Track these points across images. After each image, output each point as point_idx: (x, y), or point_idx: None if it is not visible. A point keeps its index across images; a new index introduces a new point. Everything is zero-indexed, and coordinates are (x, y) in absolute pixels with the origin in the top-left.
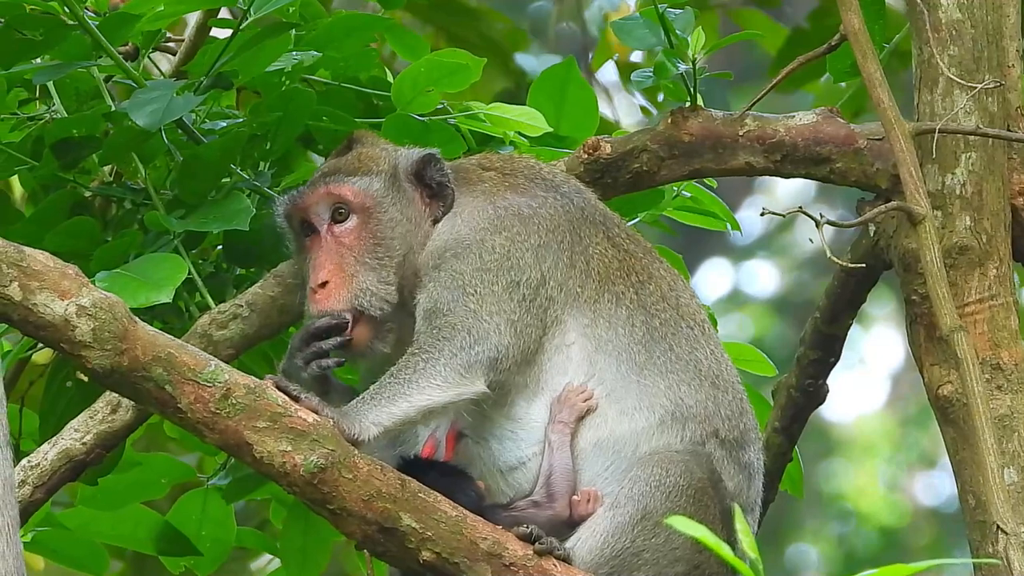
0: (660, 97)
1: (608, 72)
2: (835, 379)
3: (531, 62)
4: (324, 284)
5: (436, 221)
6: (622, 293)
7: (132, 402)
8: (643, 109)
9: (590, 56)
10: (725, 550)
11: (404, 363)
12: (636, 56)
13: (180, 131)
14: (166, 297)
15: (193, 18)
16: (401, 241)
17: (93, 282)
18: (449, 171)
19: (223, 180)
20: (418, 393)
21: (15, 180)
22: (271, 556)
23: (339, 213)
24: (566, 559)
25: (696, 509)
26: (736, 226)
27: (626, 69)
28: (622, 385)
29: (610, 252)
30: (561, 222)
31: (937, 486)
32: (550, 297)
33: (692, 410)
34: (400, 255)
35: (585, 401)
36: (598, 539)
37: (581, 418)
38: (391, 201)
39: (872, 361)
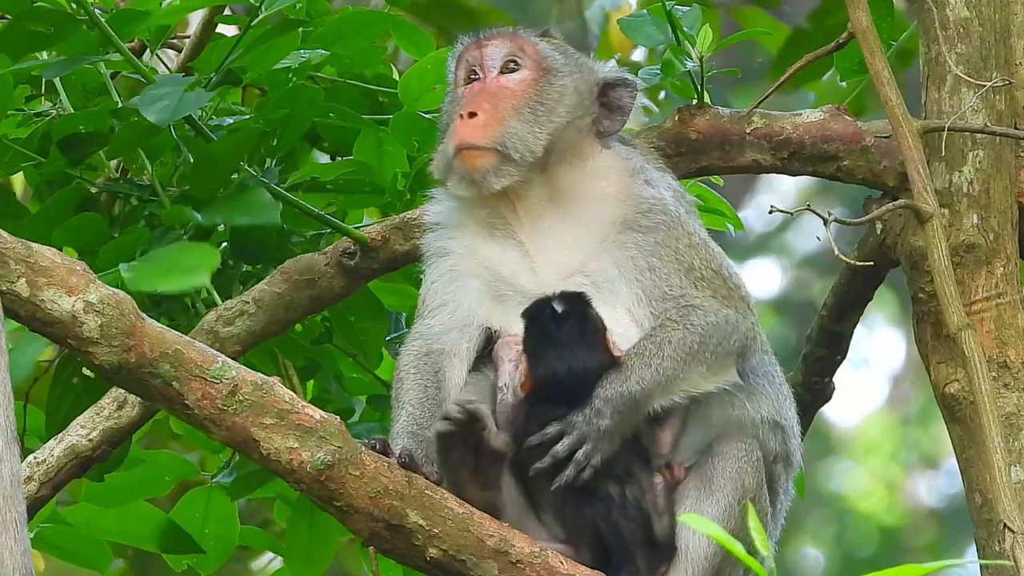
0: (661, 95)
1: None
2: (837, 379)
3: None
4: (473, 114)
5: (599, 134)
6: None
7: (139, 398)
8: (644, 109)
9: (591, 55)
10: (739, 549)
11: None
12: (638, 55)
13: (188, 127)
14: (200, 282)
15: (199, 15)
16: (567, 112)
17: (100, 278)
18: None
19: (232, 177)
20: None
21: (19, 176)
22: (272, 555)
23: (511, 65)
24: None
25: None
26: (739, 226)
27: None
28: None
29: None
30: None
31: (938, 487)
32: None
33: (784, 423)
34: (560, 124)
35: None
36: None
37: None
38: (569, 75)
39: (874, 361)
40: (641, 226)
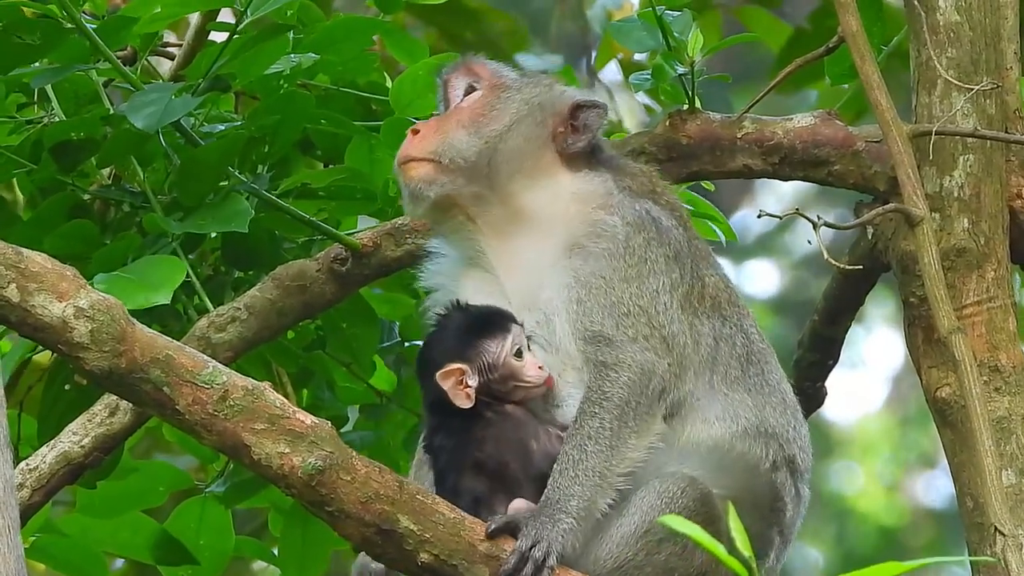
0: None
1: (611, 72)
2: (836, 380)
3: (533, 62)
4: (417, 132)
5: (561, 153)
6: (727, 315)
7: (130, 405)
8: (647, 108)
9: (593, 55)
10: (720, 549)
11: None
12: (640, 55)
13: (178, 134)
14: (164, 298)
15: (194, 22)
16: (510, 120)
17: (91, 284)
18: (602, 130)
19: (221, 183)
20: None
21: (14, 183)
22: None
23: (470, 89)
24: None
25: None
26: (730, 234)
27: (630, 68)
28: (709, 395)
29: (721, 283)
30: (685, 247)
31: (937, 486)
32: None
33: (776, 430)
34: (499, 131)
35: None
36: (603, 548)
37: None
38: (519, 89)
39: (872, 362)
40: (586, 251)
